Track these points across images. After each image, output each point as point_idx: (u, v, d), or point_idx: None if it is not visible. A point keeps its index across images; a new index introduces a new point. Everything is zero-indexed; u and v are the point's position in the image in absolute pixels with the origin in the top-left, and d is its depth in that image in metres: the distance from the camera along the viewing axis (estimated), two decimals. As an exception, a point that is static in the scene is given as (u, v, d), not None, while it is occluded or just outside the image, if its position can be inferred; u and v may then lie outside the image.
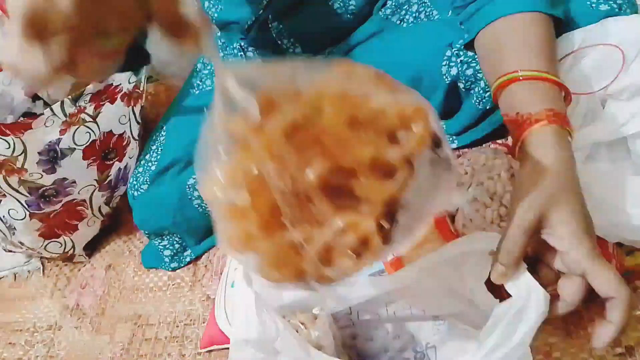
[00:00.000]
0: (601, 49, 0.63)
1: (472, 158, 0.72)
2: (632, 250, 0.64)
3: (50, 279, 1.10)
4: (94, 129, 0.95)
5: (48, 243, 1.03)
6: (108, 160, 1.00)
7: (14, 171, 0.89)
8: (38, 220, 0.99)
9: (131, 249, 1.07)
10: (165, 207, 0.92)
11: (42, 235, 1.01)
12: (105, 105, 0.95)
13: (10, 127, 0.85)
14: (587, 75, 0.63)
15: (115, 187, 1.06)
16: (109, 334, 0.94)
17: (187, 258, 0.98)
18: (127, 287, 1.00)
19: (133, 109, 1.02)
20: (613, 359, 0.59)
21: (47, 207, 0.97)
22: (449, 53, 0.77)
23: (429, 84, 0.80)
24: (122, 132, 1.01)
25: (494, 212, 0.63)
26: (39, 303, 1.06)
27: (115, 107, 0.97)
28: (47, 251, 1.04)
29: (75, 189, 0.98)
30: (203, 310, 0.89)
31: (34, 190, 0.93)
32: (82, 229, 1.05)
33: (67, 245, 1.05)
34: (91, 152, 0.96)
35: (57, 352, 0.96)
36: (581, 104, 0.63)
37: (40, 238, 1.01)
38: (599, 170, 0.62)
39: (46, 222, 1.00)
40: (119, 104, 0.98)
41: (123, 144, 1.02)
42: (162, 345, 0.88)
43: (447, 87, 0.79)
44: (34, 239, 1.01)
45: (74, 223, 1.03)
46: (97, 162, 0.98)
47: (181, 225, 0.93)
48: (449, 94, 0.80)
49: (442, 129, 0.43)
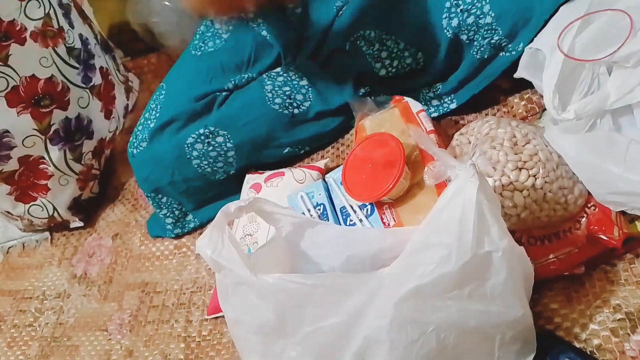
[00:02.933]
0: (609, 15, 0.62)
1: (475, 127, 0.71)
2: (635, 218, 0.64)
3: (58, 248, 1.11)
4: (8, 72, 0.92)
5: (29, 207, 1.03)
6: (42, 107, 0.97)
7: None
8: (4, 183, 0.99)
9: (137, 218, 1.08)
10: (163, 164, 0.91)
11: (18, 199, 1.01)
12: (12, 46, 0.91)
13: None
14: (594, 41, 0.62)
15: (72, 139, 1.03)
16: (117, 301, 0.96)
17: (191, 224, 0.99)
18: (134, 255, 1.01)
19: (55, 50, 0.98)
20: (612, 324, 0.60)
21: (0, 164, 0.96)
22: (448, 4, 0.76)
23: (432, 41, 0.80)
24: (50, 75, 0.97)
25: (496, 181, 0.64)
26: (47, 272, 1.08)
27: (27, 49, 0.94)
28: (34, 216, 1.05)
29: (15, 140, 0.96)
30: (209, 278, 0.91)
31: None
32: (54, 188, 1.05)
33: (49, 208, 1.05)
34: (16, 98, 0.94)
35: (67, 319, 0.98)
36: (587, 70, 0.62)
37: (18, 203, 1.02)
38: (603, 138, 0.62)
39: (14, 185, 0.99)
40: (32, 44, 0.94)
41: (57, 89, 0.99)
42: (169, 312, 0.89)
43: (450, 43, 0.79)
44: (13, 204, 1.02)
45: (42, 183, 1.03)
46: (28, 109, 0.96)
47: (179, 185, 0.93)
48: (451, 51, 0.80)
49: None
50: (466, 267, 0.48)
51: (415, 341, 0.50)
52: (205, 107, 0.90)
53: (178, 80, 0.96)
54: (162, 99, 0.94)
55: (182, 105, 0.91)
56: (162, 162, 0.91)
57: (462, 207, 0.48)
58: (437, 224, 0.49)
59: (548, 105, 0.62)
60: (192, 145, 0.88)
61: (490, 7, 0.73)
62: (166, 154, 0.90)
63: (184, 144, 0.88)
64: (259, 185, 0.87)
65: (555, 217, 0.65)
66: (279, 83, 0.90)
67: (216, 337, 0.82)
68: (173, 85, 0.96)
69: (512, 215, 0.64)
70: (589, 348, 0.60)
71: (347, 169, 0.72)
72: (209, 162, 0.89)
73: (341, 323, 0.51)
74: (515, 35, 0.75)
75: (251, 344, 0.57)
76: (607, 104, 0.60)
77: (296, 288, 0.51)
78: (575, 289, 0.64)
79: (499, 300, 0.51)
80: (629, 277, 0.62)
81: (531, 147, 0.65)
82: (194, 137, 0.88)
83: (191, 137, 0.88)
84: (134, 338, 0.89)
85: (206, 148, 0.88)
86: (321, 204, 0.77)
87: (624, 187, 0.59)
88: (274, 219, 0.63)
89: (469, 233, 0.48)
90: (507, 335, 0.53)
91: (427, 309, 0.49)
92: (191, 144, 0.88)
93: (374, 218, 0.71)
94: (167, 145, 0.90)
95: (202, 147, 0.88)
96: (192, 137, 0.88)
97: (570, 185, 0.64)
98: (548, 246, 0.65)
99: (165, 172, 0.92)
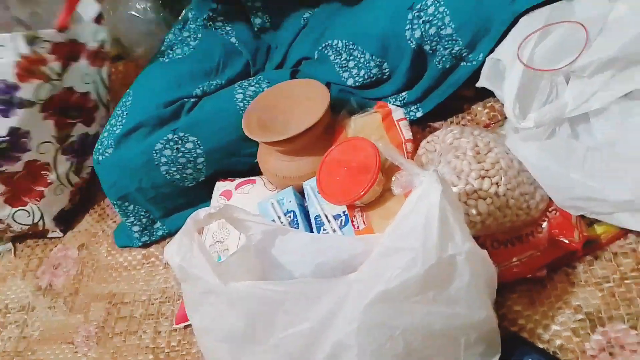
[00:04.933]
0: (566, 26, 0.64)
1: (440, 136, 0.73)
2: (594, 221, 0.66)
3: (21, 260, 1.09)
4: (57, 84, 0.94)
5: (16, 211, 1.01)
6: (67, 117, 0.98)
7: None
8: (1, 183, 0.97)
9: (104, 228, 1.06)
10: (130, 171, 0.89)
11: (7, 201, 0.99)
12: (70, 64, 0.95)
13: None
14: (553, 51, 0.64)
15: (82, 153, 1.04)
16: (83, 313, 0.94)
17: (159, 232, 0.98)
18: (101, 266, 1.00)
19: (100, 72, 1.01)
20: (574, 324, 0.62)
21: (7, 164, 0.95)
22: (410, 16, 0.78)
23: (396, 51, 0.82)
24: (86, 91, 0.99)
25: (461, 190, 0.65)
26: (10, 284, 1.05)
27: (79, 65, 0.97)
28: (16, 222, 1.02)
29: (30, 142, 0.95)
30: (178, 288, 0.90)
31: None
32: (48, 196, 1.04)
33: (36, 216, 1.03)
34: (50, 105, 0.95)
35: (31, 332, 0.95)
36: (546, 80, 0.65)
37: (6, 205, 1.00)
38: (562, 145, 0.64)
39: (10, 186, 0.98)
40: (83, 62, 0.97)
41: (88, 105, 1.00)
42: (137, 323, 0.88)
43: (413, 53, 0.81)
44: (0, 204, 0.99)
45: (39, 189, 1.02)
46: (54, 117, 0.96)
47: (148, 192, 0.92)
48: (416, 61, 0.82)
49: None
50: (431, 270, 0.49)
51: (383, 345, 0.51)
52: (173, 113, 0.89)
53: (145, 87, 0.95)
54: (129, 105, 0.93)
55: (150, 111, 0.90)
56: (129, 168, 0.89)
57: (426, 213, 0.49)
58: (403, 229, 0.50)
59: (508, 114, 0.64)
60: (161, 151, 0.87)
61: (450, 19, 0.75)
62: (133, 160, 0.88)
63: (152, 149, 0.87)
64: (229, 192, 0.87)
65: (518, 221, 0.67)
66: (250, 92, 0.90)
67: (185, 347, 0.82)
68: (140, 91, 0.95)
69: (476, 223, 0.65)
70: (551, 348, 0.62)
71: (322, 170, 0.73)
72: (178, 168, 0.89)
73: (311, 329, 0.52)
74: (475, 45, 0.77)
75: (220, 353, 0.57)
76: (565, 112, 0.62)
77: (266, 295, 0.52)
78: (537, 291, 0.66)
79: (463, 303, 0.52)
80: (588, 278, 0.65)
81: (493, 156, 0.66)
82: (162, 143, 0.87)
83: (159, 143, 0.87)
84: (100, 350, 0.87)
85: (175, 154, 0.87)
86: (291, 210, 0.78)
87: (582, 192, 0.62)
88: (244, 226, 0.63)
89: (433, 237, 0.49)
90: (472, 338, 0.54)
91: (394, 313, 0.50)
92: (160, 149, 0.87)
93: (348, 229, 0.71)
94: (135, 151, 0.88)
95: (171, 154, 0.87)
96: (160, 142, 0.87)
97: (532, 190, 0.66)
98: (511, 249, 0.66)
99: (132, 178, 0.90)
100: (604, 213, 0.63)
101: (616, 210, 0.62)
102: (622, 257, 0.64)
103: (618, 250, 0.65)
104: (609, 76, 0.61)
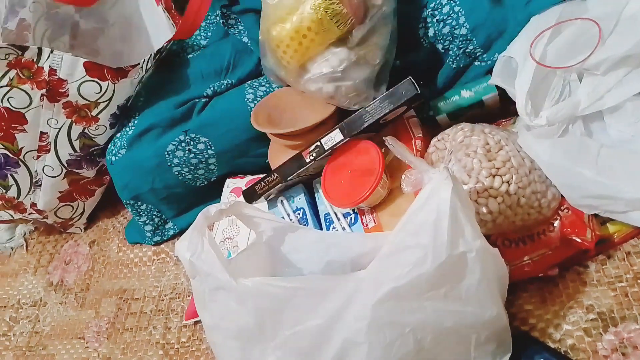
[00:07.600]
0: (579, 24, 0.64)
1: (450, 134, 0.73)
2: (606, 220, 0.66)
3: (33, 255, 1.10)
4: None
5: (61, 207, 1.02)
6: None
7: (84, 119, 0.90)
8: (67, 183, 0.98)
9: (115, 225, 1.07)
10: (143, 171, 0.90)
11: (60, 198, 1.00)
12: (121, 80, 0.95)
13: (112, 73, 0.86)
14: (565, 49, 0.63)
15: None
16: (94, 308, 0.95)
17: (170, 231, 0.99)
18: (112, 262, 1.00)
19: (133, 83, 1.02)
20: (585, 324, 0.62)
21: (87, 168, 0.98)
22: (424, 14, 0.78)
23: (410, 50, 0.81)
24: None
25: (471, 188, 0.65)
26: (22, 279, 1.06)
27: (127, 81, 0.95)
28: (56, 215, 1.03)
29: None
30: (188, 284, 0.90)
31: (85, 147, 0.94)
32: (97, 195, 1.06)
33: (78, 210, 1.05)
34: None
35: (43, 327, 0.96)
36: (558, 77, 0.64)
37: (56, 201, 1.01)
38: (575, 143, 0.63)
39: (73, 186, 1.00)
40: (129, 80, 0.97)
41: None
42: (147, 319, 0.89)
43: (426, 52, 0.80)
44: (52, 200, 1.00)
45: (93, 188, 1.04)
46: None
47: (160, 192, 0.92)
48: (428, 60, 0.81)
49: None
50: (441, 268, 0.49)
51: (393, 343, 0.51)
52: (185, 114, 0.89)
53: (156, 87, 0.96)
54: (141, 105, 0.94)
55: (161, 111, 0.91)
56: (142, 169, 0.90)
57: (436, 209, 0.49)
58: (413, 226, 0.50)
59: (521, 111, 0.64)
60: (173, 153, 0.87)
61: (465, 19, 0.75)
62: (146, 162, 0.89)
63: (164, 151, 0.88)
64: (239, 189, 0.87)
65: (530, 220, 0.66)
66: (261, 92, 0.90)
67: (195, 343, 0.82)
68: (152, 92, 0.96)
69: (487, 221, 0.65)
70: (563, 348, 0.61)
71: (326, 172, 0.73)
72: (190, 169, 0.89)
73: (320, 326, 0.52)
74: (490, 46, 0.76)
75: (229, 350, 0.57)
76: (578, 110, 0.62)
77: (276, 292, 0.52)
78: (549, 290, 0.66)
79: (473, 301, 0.52)
80: (601, 277, 0.64)
81: (504, 154, 0.66)
82: (174, 144, 0.87)
83: (171, 145, 0.87)
84: (111, 346, 0.88)
85: (187, 155, 0.88)
86: (301, 208, 0.78)
87: (596, 190, 0.61)
88: (254, 223, 0.63)
89: (443, 234, 0.49)
90: (482, 336, 0.54)
91: (404, 311, 0.50)
92: (172, 151, 0.87)
93: (358, 227, 0.71)
94: (147, 152, 0.89)
95: (183, 155, 0.87)
96: (172, 144, 0.87)
97: (544, 189, 0.66)
98: (522, 248, 0.66)
99: (145, 179, 0.91)
100: (618, 212, 0.62)
101: (630, 209, 0.61)
102: (635, 257, 0.64)
103: (631, 250, 0.64)
104: (622, 74, 0.60)
